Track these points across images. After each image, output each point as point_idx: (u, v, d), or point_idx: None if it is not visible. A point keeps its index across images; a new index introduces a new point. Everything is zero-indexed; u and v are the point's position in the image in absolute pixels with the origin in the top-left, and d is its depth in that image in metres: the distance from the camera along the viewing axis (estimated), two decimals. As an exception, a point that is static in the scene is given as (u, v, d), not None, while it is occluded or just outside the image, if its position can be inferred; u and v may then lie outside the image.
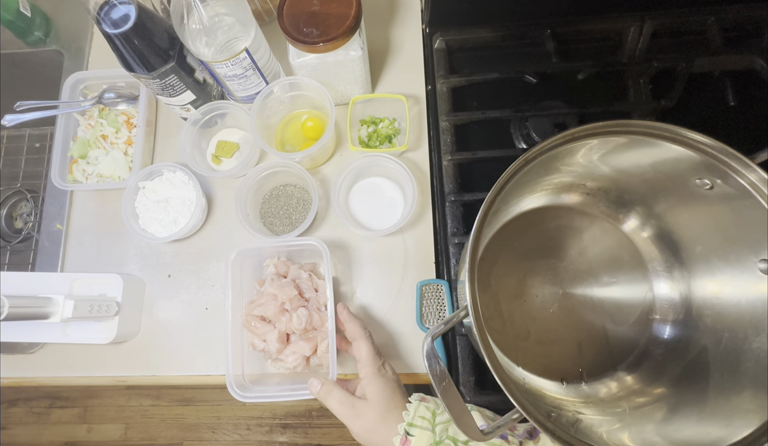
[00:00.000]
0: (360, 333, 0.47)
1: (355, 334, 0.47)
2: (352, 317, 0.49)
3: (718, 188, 0.41)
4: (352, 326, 0.48)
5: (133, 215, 0.60)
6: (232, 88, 0.58)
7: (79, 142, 0.64)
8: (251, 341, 0.54)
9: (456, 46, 0.66)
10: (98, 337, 0.54)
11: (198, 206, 0.59)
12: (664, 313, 0.51)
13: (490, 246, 0.53)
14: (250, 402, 0.51)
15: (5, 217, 0.79)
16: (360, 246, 0.60)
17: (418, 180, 0.61)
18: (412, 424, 0.40)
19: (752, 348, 0.40)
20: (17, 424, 1.45)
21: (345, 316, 0.49)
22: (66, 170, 0.64)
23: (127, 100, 0.66)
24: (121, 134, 0.65)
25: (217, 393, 1.43)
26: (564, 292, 0.52)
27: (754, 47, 0.60)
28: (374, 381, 0.43)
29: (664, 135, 0.40)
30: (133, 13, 0.48)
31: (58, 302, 0.50)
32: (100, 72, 0.65)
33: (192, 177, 0.59)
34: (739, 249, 0.43)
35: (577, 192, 0.53)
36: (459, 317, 0.38)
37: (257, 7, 0.65)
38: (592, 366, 0.50)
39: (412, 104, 0.64)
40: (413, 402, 0.42)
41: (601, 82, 0.62)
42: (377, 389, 0.43)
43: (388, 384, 0.44)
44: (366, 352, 0.45)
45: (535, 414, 0.35)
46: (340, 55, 0.54)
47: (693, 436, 0.38)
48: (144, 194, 0.60)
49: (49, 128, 0.80)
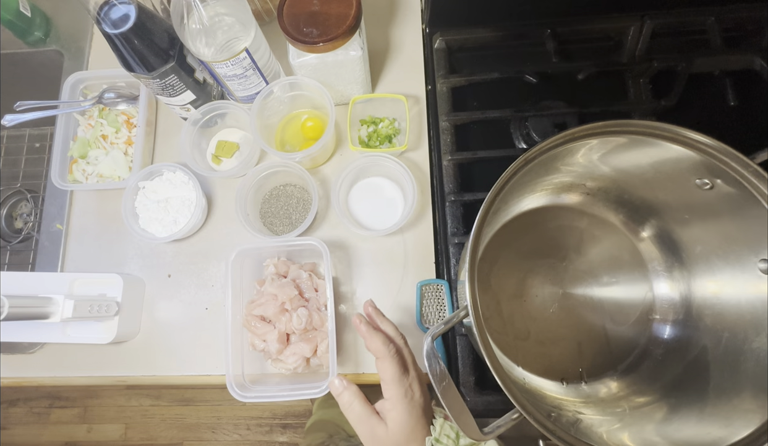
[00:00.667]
0: (383, 352, 0.40)
1: (378, 352, 0.40)
2: (372, 333, 0.41)
3: (718, 188, 0.41)
4: (373, 344, 0.41)
5: (133, 214, 0.60)
6: (232, 88, 0.58)
7: (79, 142, 0.64)
8: (251, 341, 0.54)
9: (456, 46, 0.66)
10: (98, 337, 0.55)
11: (198, 206, 0.59)
12: (664, 313, 0.51)
13: (490, 246, 0.53)
14: (250, 402, 0.50)
15: (5, 217, 0.79)
16: (360, 246, 0.60)
17: (418, 180, 0.61)
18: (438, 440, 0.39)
19: (752, 348, 0.40)
20: (17, 424, 1.45)
21: (364, 331, 0.42)
22: (66, 170, 0.64)
23: (127, 100, 0.66)
24: (121, 133, 0.65)
25: (217, 393, 1.43)
26: (564, 292, 0.52)
27: (754, 47, 0.60)
28: (398, 406, 0.39)
29: (664, 135, 0.40)
30: (133, 13, 0.48)
31: (58, 302, 0.50)
32: (100, 72, 0.65)
33: (192, 177, 0.59)
34: (739, 249, 0.43)
35: (577, 192, 0.53)
36: (459, 317, 0.38)
37: (257, 7, 0.65)
38: (592, 366, 0.50)
39: (412, 104, 0.64)
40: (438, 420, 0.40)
41: (601, 82, 0.62)
42: (400, 417, 0.39)
43: (413, 412, 0.39)
44: (390, 374, 0.39)
45: (535, 414, 0.35)
46: (340, 55, 0.54)
47: (693, 436, 0.38)
48: (144, 194, 0.60)
49: (49, 127, 0.80)
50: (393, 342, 0.41)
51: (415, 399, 0.40)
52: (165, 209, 0.60)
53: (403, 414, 0.39)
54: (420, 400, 0.40)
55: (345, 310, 0.58)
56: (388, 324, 0.43)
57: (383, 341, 0.41)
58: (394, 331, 0.43)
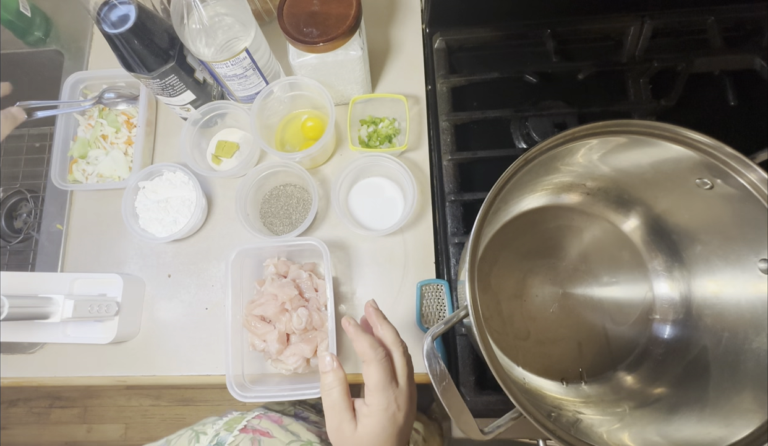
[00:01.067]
0: (370, 356, 0.36)
1: (364, 355, 0.36)
2: (360, 334, 0.37)
3: (718, 188, 0.41)
4: (359, 346, 0.37)
5: (133, 215, 0.60)
6: (232, 88, 0.58)
7: (79, 142, 0.64)
8: (252, 341, 0.54)
9: (456, 46, 0.66)
10: (98, 337, 0.55)
11: (198, 206, 0.59)
12: (664, 313, 0.51)
13: (490, 246, 0.53)
14: (250, 402, 0.50)
15: (5, 217, 0.79)
16: (360, 246, 0.60)
17: (418, 180, 0.61)
18: None
19: (752, 348, 0.40)
20: (17, 424, 1.45)
21: (352, 332, 0.38)
22: (66, 170, 0.64)
23: (127, 100, 0.66)
24: (121, 134, 0.65)
25: (217, 393, 1.43)
26: (564, 292, 0.52)
27: (754, 47, 0.60)
28: (375, 416, 0.35)
29: (664, 135, 0.40)
30: (133, 13, 0.48)
31: (58, 302, 0.50)
32: (100, 72, 0.65)
33: (192, 177, 0.59)
34: (739, 249, 0.43)
35: (577, 192, 0.53)
36: (459, 317, 0.38)
37: (257, 7, 0.65)
38: (592, 365, 0.50)
39: (412, 104, 0.64)
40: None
41: (601, 82, 0.62)
42: (373, 428, 0.35)
43: (388, 429, 0.35)
44: (375, 380, 0.35)
45: (535, 414, 0.35)
46: (340, 55, 0.54)
47: (693, 436, 0.38)
48: (144, 194, 0.60)
49: (48, 127, 0.80)
50: (383, 347, 0.37)
51: (397, 417, 0.35)
52: (165, 209, 0.60)
53: (376, 427, 0.35)
54: (401, 420, 0.36)
55: (345, 310, 0.58)
56: (388, 328, 0.39)
57: (371, 343, 0.36)
58: (393, 337, 0.38)
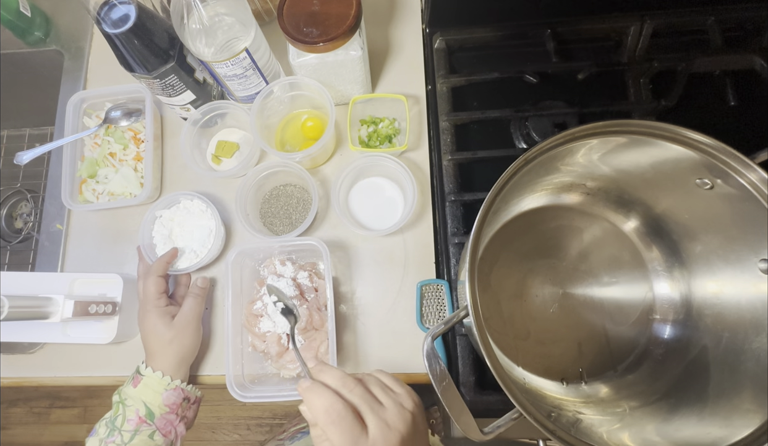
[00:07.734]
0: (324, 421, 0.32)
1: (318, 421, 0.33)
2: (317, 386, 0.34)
3: (718, 188, 0.41)
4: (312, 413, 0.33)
5: (150, 245, 0.58)
6: (232, 88, 0.58)
7: (87, 162, 0.63)
8: (252, 342, 0.54)
9: (456, 46, 0.66)
10: (98, 337, 0.55)
11: (217, 236, 0.57)
12: (664, 313, 0.51)
13: (490, 246, 0.53)
14: (250, 402, 0.50)
15: (5, 217, 0.79)
16: (360, 246, 0.60)
17: (418, 180, 0.61)
18: None
19: (752, 348, 0.40)
20: (17, 424, 1.45)
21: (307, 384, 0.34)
22: (76, 191, 0.62)
23: (132, 114, 0.65)
24: (129, 150, 0.64)
25: (217, 393, 1.43)
26: (564, 292, 0.52)
27: (754, 47, 0.60)
28: None
29: (664, 135, 0.40)
30: (133, 13, 0.48)
31: (58, 302, 0.50)
32: (100, 90, 0.64)
33: (210, 205, 0.58)
34: (739, 249, 0.43)
35: (577, 192, 0.53)
36: (459, 317, 0.38)
37: (257, 7, 0.65)
38: (592, 366, 0.50)
39: (412, 104, 0.64)
40: None
41: (601, 82, 0.62)
42: None
43: None
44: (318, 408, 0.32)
45: (535, 414, 0.35)
46: (340, 55, 0.54)
47: (693, 436, 0.38)
48: (161, 223, 0.59)
49: (49, 127, 0.80)
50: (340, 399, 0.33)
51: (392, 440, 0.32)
52: (183, 240, 0.59)
53: None
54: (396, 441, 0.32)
55: (345, 310, 0.58)
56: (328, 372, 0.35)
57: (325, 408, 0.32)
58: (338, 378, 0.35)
